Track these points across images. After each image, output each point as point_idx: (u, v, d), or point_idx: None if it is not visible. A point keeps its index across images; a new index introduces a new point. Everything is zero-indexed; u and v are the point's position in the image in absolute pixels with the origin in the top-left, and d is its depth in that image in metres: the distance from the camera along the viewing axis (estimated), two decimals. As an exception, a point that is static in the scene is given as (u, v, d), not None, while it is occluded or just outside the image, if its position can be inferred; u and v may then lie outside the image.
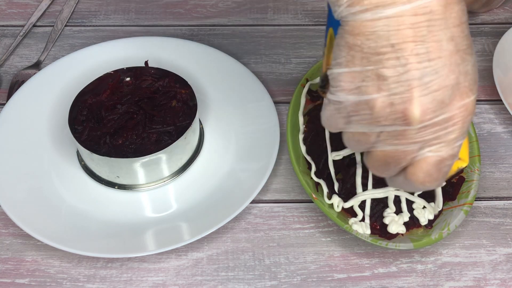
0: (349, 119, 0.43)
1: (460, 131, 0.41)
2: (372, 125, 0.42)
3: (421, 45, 0.39)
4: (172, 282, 0.57)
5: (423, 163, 0.42)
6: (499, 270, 0.58)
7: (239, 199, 0.59)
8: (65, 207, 0.60)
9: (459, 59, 0.40)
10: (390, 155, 0.42)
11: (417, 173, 0.42)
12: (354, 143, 0.44)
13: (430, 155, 0.41)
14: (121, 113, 0.62)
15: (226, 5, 0.84)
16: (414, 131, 0.40)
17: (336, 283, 0.57)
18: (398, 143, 0.41)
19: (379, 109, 0.40)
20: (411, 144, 0.41)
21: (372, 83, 0.40)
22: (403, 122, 0.40)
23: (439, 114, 0.40)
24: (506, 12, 0.84)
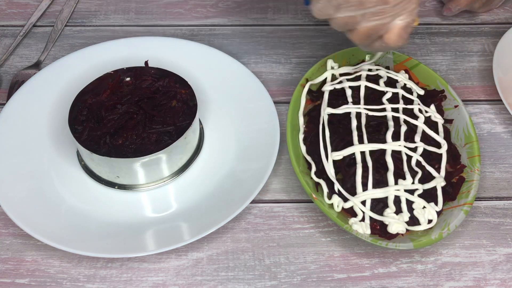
0: (339, 7, 0.55)
1: (416, 3, 0.56)
2: (359, 9, 0.54)
3: None
4: (172, 282, 0.57)
5: (395, 29, 0.56)
6: (499, 270, 0.58)
7: (239, 199, 0.59)
8: (65, 207, 0.60)
9: None
10: (372, 28, 0.56)
11: (391, 37, 0.57)
12: (342, 24, 0.57)
13: (399, 22, 0.56)
14: (121, 113, 0.62)
15: (226, 5, 0.84)
16: (390, 8, 0.54)
17: (336, 283, 0.57)
18: (379, 19, 0.55)
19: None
20: (388, 17, 0.55)
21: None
22: (383, 2, 0.53)
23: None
24: (506, 12, 0.84)
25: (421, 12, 0.84)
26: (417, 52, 0.78)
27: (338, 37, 0.80)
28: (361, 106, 0.64)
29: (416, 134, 0.62)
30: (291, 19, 0.82)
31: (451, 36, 0.81)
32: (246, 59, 0.77)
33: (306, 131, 0.65)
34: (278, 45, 0.79)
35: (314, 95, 0.68)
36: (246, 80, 0.70)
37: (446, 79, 0.75)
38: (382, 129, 0.62)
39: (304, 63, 0.77)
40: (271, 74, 0.75)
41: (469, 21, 0.83)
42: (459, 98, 0.67)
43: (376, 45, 0.59)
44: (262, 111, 0.67)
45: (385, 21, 0.55)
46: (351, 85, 0.66)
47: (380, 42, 0.58)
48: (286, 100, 0.72)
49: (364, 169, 0.59)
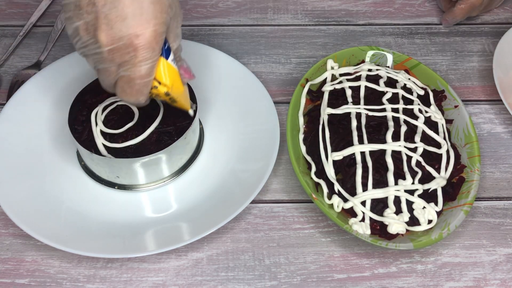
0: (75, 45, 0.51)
1: (142, 56, 0.49)
2: (83, 48, 0.50)
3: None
4: (172, 282, 0.57)
5: (119, 81, 0.51)
6: (499, 270, 0.58)
7: (239, 199, 0.59)
8: (65, 207, 0.60)
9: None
10: (100, 73, 0.52)
11: (116, 88, 0.52)
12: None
13: (123, 74, 0.50)
14: (121, 113, 0.62)
15: (226, 5, 0.84)
16: (106, 53, 0.49)
17: (336, 283, 0.57)
18: (99, 63, 0.50)
19: (82, 34, 0.49)
20: (108, 64, 0.50)
21: (75, 12, 0.49)
22: (96, 45, 0.49)
23: (120, 40, 0.48)
24: (506, 12, 0.84)
25: (421, 12, 0.84)
26: (417, 52, 0.78)
27: (338, 37, 0.80)
28: (361, 106, 0.64)
29: (416, 134, 0.62)
30: (291, 19, 0.82)
31: (451, 36, 0.81)
32: (246, 59, 0.77)
33: (306, 131, 0.65)
34: (278, 45, 0.79)
35: (314, 95, 0.68)
36: (246, 80, 0.70)
37: (446, 79, 0.75)
38: (382, 129, 0.62)
39: (304, 63, 0.77)
40: (271, 74, 0.75)
41: (469, 21, 0.83)
42: (459, 98, 0.67)
43: (118, 90, 0.52)
44: (262, 111, 0.67)
45: (108, 68, 0.50)
46: (351, 85, 0.66)
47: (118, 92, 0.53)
48: (286, 100, 0.72)
49: (364, 169, 0.59)
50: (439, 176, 0.60)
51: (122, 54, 0.49)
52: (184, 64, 0.56)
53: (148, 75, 0.51)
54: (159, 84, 0.52)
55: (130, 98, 0.52)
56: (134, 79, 0.50)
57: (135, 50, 0.49)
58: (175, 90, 0.54)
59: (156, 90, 0.53)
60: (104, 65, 0.50)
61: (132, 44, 0.48)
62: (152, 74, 0.51)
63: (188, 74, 0.56)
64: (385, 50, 0.71)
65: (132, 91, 0.51)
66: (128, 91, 0.51)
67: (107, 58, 0.49)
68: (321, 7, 0.84)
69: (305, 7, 0.84)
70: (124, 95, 0.52)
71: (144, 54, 0.49)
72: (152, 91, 0.53)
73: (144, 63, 0.50)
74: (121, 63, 0.50)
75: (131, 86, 0.51)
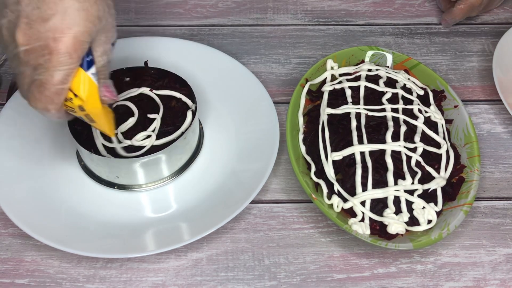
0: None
1: (57, 60, 0.47)
2: (5, 49, 0.49)
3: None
4: (172, 283, 0.57)
5: (31, 85, 0.49)
6: (499, 270, 0.58)
7: (239, 199, 0.59)
8: (65, 207, 0.60)
9: (59, 1, 0.47)
10: (18, 78, 0.49)
11: (28, 93, 0.49)
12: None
13: (36, 77, 0.48)
14: (121, 113, 0.62)
15: (226, 5, 0.84)
16: (22, 53, 0.47)
17: (336, 283, 0.57)
18: (16, 66, 0.49)
19: (4, 33, 0.48)
20: (23, 67, 0.48)
21: (0, 11, 0.48)
22: (14, 45, 0.47)
23: (37, 41, 0.47)
24: (506, 12, 0.84)
25: (420, 12, 0.84)
26: (417, 52, 0.78)
27: (337, 37, 0.80)
28: (361, 106, 0.64)
29: (415, 134, 0.62)
30: (291, 19, 0.82)
31: (451, 36, 0.81)
32: (246, 59, 0.77)
33: (305, 131, 0.65)
34: (277, 45, 0.79)
35: (313, 95, 0.68)
36: (246, 80, 0.70)
37: (446, 79, 0.75)
38: (382, 129, 0.62)
39: (304, 63, 0.77)
40: (271, 74, 0.75)
41: (469, 21, 0.83)
42: (459, 98, 0.67)
43: (29, 95, 0.50)
44: (262, 111, 0.67)
45: (22, 70, 0.49)
46: (350, 85, 0.66)
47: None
48: (286, 100, 0.72)
49: (364, 170, 0.59)
50: (439, 176, 0.60)
51: (37, 56, 0.47)
52: (108, 82, 0.53)
53: (61, 82, 0.48)
54: (75, 97, 0.50)
55: (38, 104, 0.49)
56: (45, 84, 0.48)
57: (50, 53, 0.47)
58: (90, 106, 0.51)
59: (71, 103, 0.50)
60: (21, 68, 0.49)
61: (48, 46, 0.47)
62: (66, 82, 0.49)
63: (110, 93, 0.53)
64: (384, 50, 0.71)
65: (41, 96, 0.49)
66: (37, 96, 0.49)
67: (23, 60, 0.48)
68: (321, 7, 0.84)
69: (305, 7, 0.84)
70: (33, 100, 0.49)
71: (60, 59, 0.47)
72: (67, 103, 0.50)
73: (58, 68, 0.48)
74: (36, 66, 0.48)
75: (41, 91, 0.48)
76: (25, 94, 0.50)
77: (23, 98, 0.51)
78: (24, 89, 0.50)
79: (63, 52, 0.47)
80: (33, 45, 0.47)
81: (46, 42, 0.47)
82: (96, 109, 0.53)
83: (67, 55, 0.47)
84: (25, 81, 0.49)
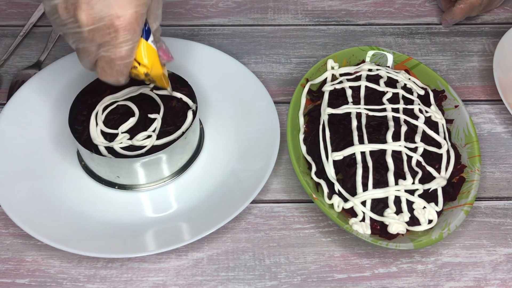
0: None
1: (123, 37, 0.49)
2: (61, 26, 0.50)
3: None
4: (172, 282, 0.57)
5: (99, 61, 0.51)
6: (500, 270, 0.58)
7: (239, 199, 0.59)
8: (65, 207, 0.60)
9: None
10: (79, 52, 0.51)
11: (97, 68, 0.52)
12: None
13: (103, 54, 0.50)
14: (121, 113, 0.62)
15: (226, 5, 0.84)
16: (86, 32, 0.49)
17: (336, 283, 0.57)
18: (80, 42, 0.50)
19: (61, 13, 0.49)
20: (88, 43, 0.50)
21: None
22: (76, 24, 0.48)
23: (100, 20, 0.48)
24: (506, 12, 0.84)
25: (421, 12, 0.84)
26: (417, 52, 0.78)
27: (338, 37, 0.80)
28: (362, 106, 0.64)
29: (416, 134, 0.62)
30: (291, 19, 0.82)
31: (451, 36, 0.81)
32: (246, 59, 0.77)
33: (306, 131, 0.65)
34: (278, 45, 0.79)
35: (314, 95, 0.68)
36: (246, 80, 0.70)
37: (446, 79, 0.75)
38: (383, 129, 0.62)
39: (304, 63, 0.77)
40: (271, 74, 0.75)
41: (469, 21, 0.83)
42: (459, 98, 0.67)
43: (98, 70, 0.53)
44: (262, 111, 0.67)
45: (87, 47, 0.50)
46: (351, 85, 0.66)
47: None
48: (286, 100, 0.72)
49: (365, 169, 0.59)
50: (440, 176, 0.60)
51: (103, 34, 0.49)
52: (163, 45, 0.56)
53: (129, 56, 0.51)
54: (139, 65, 0.53)
55: (110, 78, 0.52)
56: (114, 59, 0.50)
57: (116, 31, 0.48)
58: (154, 71, 0.54)
59: (136, 70, 0.53)
60: (84, 45, 0.50)
61: (113, 25, 0.48)
62: (132, 55, 0.51)
63: (167, 55, 0.56)
64: (385, 50, 0.71)
65: (113, 71, 0.51)
66: (108, 72, 0.52)
67: (87, 38, 0.49)
68: (321, 7, 0.84)
69: (305, 7, 0.84)
70: (105, 75, 0.52)
71: (125, 36, 0.49)
72: (132, 71, 0.53)
73: (125, 44, 0.50)
74: (102, 43, 0.49)
75: (112, 67, 0.51)
76: (91, 68, 0.53)
77: (85, 68, 0.53)
78: (90, 64, 0.52)
79: (128, 28, 0.49)
80: (97, 25, 0.48)
81: (110, 21, 0.48)
82: (159, 72, 0.55)
83: (131, 31, 0.49)
84: (91, 57, 0.51)
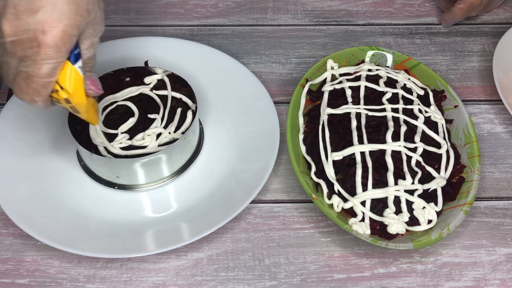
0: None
1: (44, 53, 0.46)
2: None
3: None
4: (172, 282, 0.57)
5: (17, 76, 0.48)
6: (499, 270, 0.58)
7: (239, 199, 0.59)
8: (65, 207, 0.60)
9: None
10: (2, 66, 0.49)
11: (14, 84, 0.49)
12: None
13: (22, 69, 0.48)
14: (121, 113, 0.62)
15: (226, 5, 0.84)
16: (8, 44, 0.46)
17: (336, 283, 0.57)
18: (2, 55, 0.48)
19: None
20: (9, 57, 0.47)
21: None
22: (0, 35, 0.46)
23: (24, 33, 0.46)
24: (506, 12, 0.84)
25: (421, 12, 0.84)
26: (417, 52, 0.78)
27: (338, 37, 0.80)
28: (361, 106, 0.64)
29: (416, 134, 0.62)
30: (291, 19, 0.82)
31: (451, 36, 0.81)
32: (246, 59, 0.77)
33: (306, 131, 0.65)
34: (278, 45, 0.79)
35: (314, 95, 0.68)
36: (246, 80, 0.70)
37: (446, 79, 0.75)
38: (382, 129, 0.62)
39: (304, 63, 0.77)
40: (271, 74, 0.75)
41: (469, 21, 0.83)
42: (459, 98, 0.67)
43: (15, 86, 0.50)
44: (262, 111, 0.67)
45: (8, 61, 0.48)
46: (351, 85, 0.66)
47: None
48: (286, 100, 0.72)
49: (364, 169, 0.59)
50: (439, 176, 0.60)
51: (25, 48, 0.46)
52: (93, 75, 0.53)
53: (48, 76, 0.48)
54: (61, 89, 0.50)
55: (25, 96, 0.49)
56: (32, 76, 0.48)
57: (38, 46, 0.46)
58: (76, 99, 0.51)
59: (57, 95, 0.50)
60: (5, 58, 0.48)
61: (37, 39, 0.46)
62: (53, 75, 0.48)
63: (95, 86, 0.53)
64: (385, 50, 0.71)
65: (28, 89, 0.48)
66: (24, 89, 0.49)
67: (9, 50, 0.47)
68: (321, 7, 0.84)
69: (305, 7, 0.84)
70: (19, 92, 0.49)
71: (48, 53, 0.47)
72: (53, 95, 0.50)
73: (46, 61, 0.47)
74: (22, 58, 0.47)
75: (28, 84, 0.48)
76: (10, 84, 0.50)
77: (8, 85, 0.50)
78: (9, 79, 0.49)
79: (51, 45, 0.47)
80: (20, 37, 0.46)
81: (34, 35, 0.46)
82: (82, 102, 0.52)
83: (56, 49, 0.47)
84: (11, 71, 0.49)
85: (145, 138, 0.60)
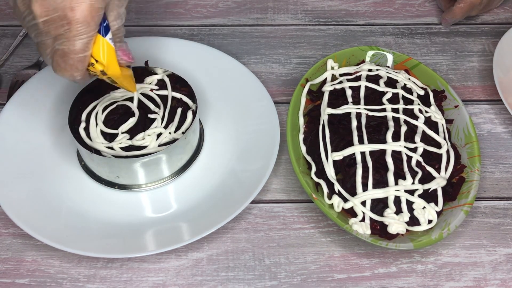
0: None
1: (76, 30, 0.48)
2: (22, 21, 0.50)
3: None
4: (172, 282, 0.57)
5: (54, 54, 0.50)
6: (499, 270, 0.58)
7: (239, 199, 0.59)
8: (65, 207, 0.60)
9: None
10: (39, 47, 0.51)
11: (52, 63, 0.51)
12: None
13: (57, 47, 0.49)
14: (121, 113, 0.62)
15: (226, 5, 0.84)
16: (41, 24, 0.48)
17: (336, 283, 0.57)
18: (37, 37, 0.50)
19: (19, 6, 0.49)
20: (44, 37, 0.49)
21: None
22: (31, 16, 0.48)
23: (54, 12, 0.48)
24: (506, 12, 0.84)
25: (421, 12, 0.84)
26: (417, 52, 0.78)
27: (338, 37, 0.80)
28: (361, 106, 0.64)
29: (416, 135, 0.62)
30: (291, 19, 0.82)
31: (451, 36, 0.81)
32: (246, 59, 0.77)
33: (306, 131, 0.65)
34: (278, 45, 0.79)
35: (314, 95, 0.68)
36: (246, 80, 0.70)
37: (446, 79, 0.75)
38: (382, 129, 0.62)
39: (304, 63, 0.77)
40: (271, 74, 0.75)
41: (469, 21, 0.83)
42: (459, 98, 0.67)
43: (53, 64, 0.52)
44: (262, 111, 0.67)
45: (43, 40, 0.50)
46: (351, 85, 0.66)
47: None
48: (286, 100, 0.72)
49: (364, 169, 0.59)
50: (439, 176, 0.60)
51: (57, 26, 0.48)
52: (123, 46, 0.55)
53: (83, 51, 0.50)
54: (96, 62, 0.52)
55: (64, 73, 0.51)
56: (68, 53, 0.49)
57: (69, 23, 0.48)
58: (111, 70, 0.53)
59: (93, 68, 0.52)
60: (41, 38, 0.50)
61: (66, 16, 0.48)
62: (87, 50, 0.50)
63: (127, 56, 0.55)
64: (385, 50, 0.71)
65: (66, 66, 0.50)
66: (62, 66, 0.50)
67: (43, 31, 0.49)
68: (321, 7, 0.84)
69: (305, 7, 0.84)
70: (59, 69, 0.51)
71: (79, 28, 0.48)
72: (89, 68, 0.52)
73: (79, 37, 0.49)
74: (56, 36, 0.49)
75: (65, 61, 0.50)
76: (49, 62, 0.52)
77: (47, 63, 0.52)
78: (47, 58, 0.51)
79: (81, 21, 0.48)
80: (51, 16, 0.48)
81: (63, 12, 0.48)
82: (117, 72, 0.54)
83: (85, 24, 0.48)
84: (48, 51, 0.50)
85: (145, 138, 0.60)
